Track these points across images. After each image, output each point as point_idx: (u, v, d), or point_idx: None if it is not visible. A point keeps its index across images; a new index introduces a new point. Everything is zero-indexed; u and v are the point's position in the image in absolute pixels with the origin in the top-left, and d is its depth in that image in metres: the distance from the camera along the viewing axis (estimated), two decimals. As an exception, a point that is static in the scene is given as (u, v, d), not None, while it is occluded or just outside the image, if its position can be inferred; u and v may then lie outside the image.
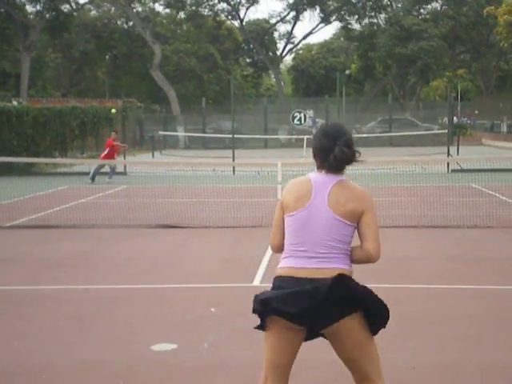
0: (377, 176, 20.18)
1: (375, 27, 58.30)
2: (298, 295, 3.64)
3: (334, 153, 3.72)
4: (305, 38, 63.30)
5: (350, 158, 3.78)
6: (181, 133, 45.22)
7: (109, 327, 6.77)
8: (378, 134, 42.64)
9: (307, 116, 39.42)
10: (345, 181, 3.81)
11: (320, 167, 3.81)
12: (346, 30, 60.98)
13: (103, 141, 37.02)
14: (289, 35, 63.46)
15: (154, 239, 11.77)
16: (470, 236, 11.74)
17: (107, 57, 59.27)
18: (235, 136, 27.96)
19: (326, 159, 3.75)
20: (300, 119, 38.20)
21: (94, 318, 7.06)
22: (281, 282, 3.76)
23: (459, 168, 23.44)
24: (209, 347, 6.10)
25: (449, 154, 25.40)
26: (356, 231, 3.83)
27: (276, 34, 64.84)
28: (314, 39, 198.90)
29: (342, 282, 3.68)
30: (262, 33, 61.66)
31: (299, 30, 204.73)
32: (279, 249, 3.91)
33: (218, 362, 5.72)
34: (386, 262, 9.73)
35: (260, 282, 8.55)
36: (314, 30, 61.74)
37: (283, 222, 3.84)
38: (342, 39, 68.36)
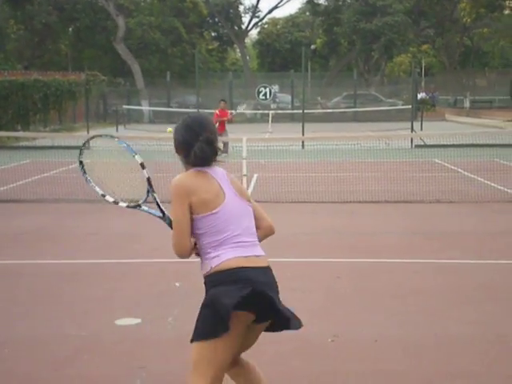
0: (341, 151, 20.28)
1: (340, 2, 58.18)
2: (267, 286, 3.66)
3: (194, 150, 3.66)
4: (270, 12, 63.37)
5: (209, 156, 3.70)
6: (145, 107, 44.86)
7: (72, 302, 6.75)
8: (342, 110, 42.80)
9: (272, 91, 39.38)
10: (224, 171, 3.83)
11: (186, 163, 3.76)
12: (311, 4, 60.80)
13: (66, 114, 36.70)
14: (254, 9, 63.14)
15: (119, 214, 11.69)
16: (433, 211, 11.88)
17: (70, 29, 58.34)
18: (200, 110, 27.82)
19: (188, 155, 3.70)
20: (265, 94, 38.15)
21: (58, 293, 7.04)
22: (245, 272, 3.64)
23: (423, 143, 23.66)
24: (173, 321, 6.12)
25: (412, 129, 25.60)
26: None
27: (241, 8, 64.54)
28: (279, 13, 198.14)
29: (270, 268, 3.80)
30: (227, 6, 61.18)
31: (265, 4, 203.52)
32: (189, 253, 3.76)
33: (182, 336, 5.74)
34: (349, 236, 9.86)
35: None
36: (280, 4, 61.69)
37: (192, 223, 3.68)
38: (307, 14, 68.14)
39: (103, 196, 4.32)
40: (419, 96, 50.35)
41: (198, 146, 3.66)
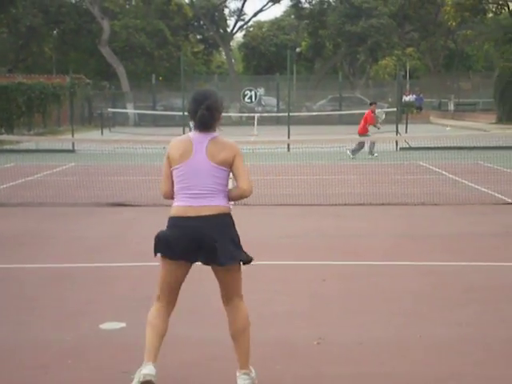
0: (326, 154, 20.30)
1: (325, 5, 58.35)
2: (183, 234, 4.47)
3: (198, 115, 4.51)
4: (255, 15, 63.20)
5: (207, 121, 4.52)
6: (130, 110, 44.76)
7: (56, 306, 6.71)
8: (328, 112, 42.89)
9: (258, 94, 39.41)
10: (217, 137, 4.60)
11: (194, 127, 4.61)
12: (296, 7, 60.90)
13: (50, 117, 36.50)
14: (239, 12, 63.20)
15: (103, 218, 11.67)
16: (417, 213, 11.92)
17: (55, 32, 58.13)
18: (186, 114, 27.77)
19: (195, 120, 4.57)
20: (251, 97, 38.17)
21: (41, 298, 6.99)
22: (174, 220, 4.55)
23: (407, 146, 23.75)
24: (158, 325, 6.09)
25: (397, 132, 25.69)
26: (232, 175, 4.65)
27: (226, 11, 64.48)
28: (264, 16, 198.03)
29: (220, 216, 4.50)
30: (212, 9, 61.17)
31: (250, 7, 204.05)
32: (168, 195, 4.69)
33: (168, 340, 5.72)
34: (334, 239, 9.86)
35: (210, 259, 8.55)
36: (265, 8, 61.62)
37: (171, 174, 4.62)
38: (292, 17, 68.24)
39: None
40: (407, 98, 50.65)
41: (199, 113, 4.49)
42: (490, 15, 48.06)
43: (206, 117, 4.49)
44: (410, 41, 64.00)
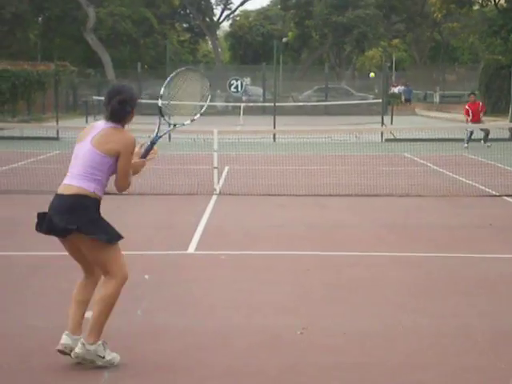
0: (312, 145, 20.34)
1: (312, -5, 58.28)
2: (49, 210, 4.90)
3: (109, 107, 4.87)
4: (242, 4, 63.27)
5: (118, 111, 4.86)
6: (115, 98, 44.50)
7: (41, 294, 6.70)
8: (314, 103, 42.88)
9: (244, 83, 39.34)
10: (117, 128, 4.90)
11: (105, 117, 4.95)
12: (282, -2, 60.83)
13: (35, 104, 36.25)
14: (226, 1, 63.03)
15: (88, 206, 11.61)
16: (402, 204, 11.97)
17: (40, 18, 57.68)
18: (171, 103, 27.65)
19: (107, 111, 4.90)
20: (237, 87, 38.10)
21: (26, 286, 6.97)
22: (53, 198, 4.95)
23: (393, 137, 23.81)
24: (142, 314, 6.11)
25: (383, 123, 25.76)
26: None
27: (213, 0, 64.27)
28: (251, 6, 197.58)
29: (75, 197, 4.80)
30: (199, -2, 60.98)
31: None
32: None
33: (151, 329, 5.74)
34: (318, 229, 9.90)
35: (195, 249, 8.57)
36: (252, -3, 61.33)
37: None
38: (279, 7, 68.15)
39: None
40: (396, 90, 50.73)
41: (111, 105, 4.85)
42: (476, 7, 48.21)
43: (116, 109, 4.84)
44: (396, 32, 64.14)
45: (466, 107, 22.67)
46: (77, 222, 4.75)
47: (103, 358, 4.83)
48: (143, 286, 6.96)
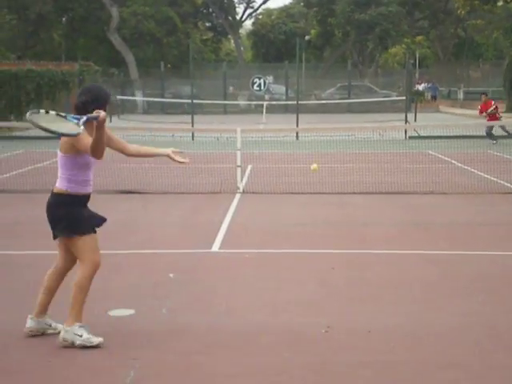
0: (335, 142, 20.26)
1: (334, -7, 58.05)
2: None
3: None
4: (264, 2, 63.22)
5: (78, 112, 5.16)
6: (139, 97, 44.73)
7: (66, 293, 6.73)
8: (336, 101, 42.76)
9: (266, 82, 39.34)
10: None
11: None
12: (305, -5, 60.66)
13: (60, 104, 36.44)
14: (248, -1, 62.93)
15: (112, 205, 11.68)
16: (426, 202, 11.90)
17: (64, 19, 58.05)
18: (194, 101, 27.77)
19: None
20: (259, 85, 38.12)
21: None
22: None
23: (416, 135, 23.68)
24: (167, 312, 6.13)
25: (406, 120, 25.62)
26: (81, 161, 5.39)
27: (235, -2, 64.27)
28: (273, 4, 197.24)
29: (53, 196, 5.41)
30: (221, -4, 61.01)
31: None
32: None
33: (176, 328, 5.76)
34: (343, 227, 9.87)
35: (219, 247, 8.59)
36: (274, -5, 61.25)
37: None
38: (301, 4, 67.98)
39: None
40: (420, 87, 50.43)
41: (75, 104, 5.26)
42: (500, 3, 47.74)
43: (77, 108, 5.21)
44: (419, 29, 63.67)
45: (479, 107, 22.86)
46: (54, 218, 5.40)
47: (81, 336, 5.21)
48: (168, 284, 7.00)
